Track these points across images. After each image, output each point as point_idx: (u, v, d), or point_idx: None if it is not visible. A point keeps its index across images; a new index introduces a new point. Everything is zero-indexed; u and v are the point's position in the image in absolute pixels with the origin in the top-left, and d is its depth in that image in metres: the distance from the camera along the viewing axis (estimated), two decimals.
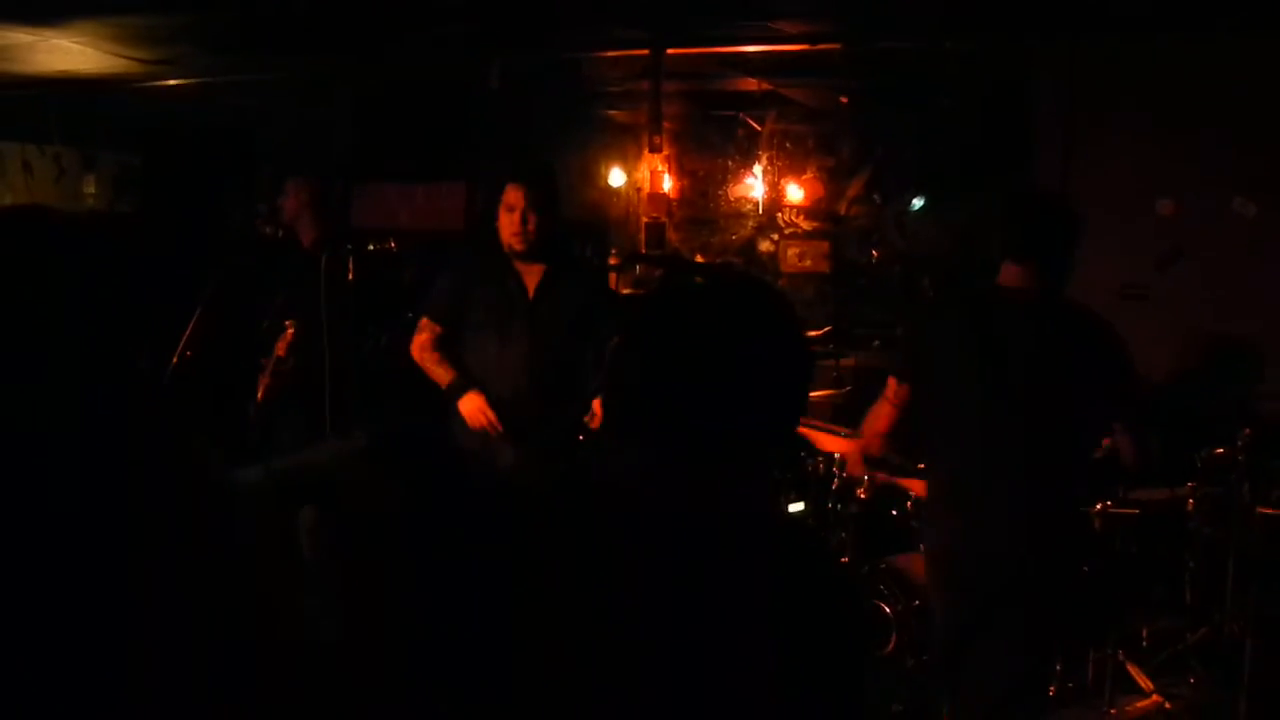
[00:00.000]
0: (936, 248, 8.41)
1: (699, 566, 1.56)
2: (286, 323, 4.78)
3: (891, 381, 3.75)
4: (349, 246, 4.72)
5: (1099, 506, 4.52)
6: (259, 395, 5.05)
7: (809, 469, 5.34)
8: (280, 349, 4.83)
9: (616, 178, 9.50)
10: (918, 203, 8.71)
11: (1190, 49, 6.35)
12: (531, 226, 4.38)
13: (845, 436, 5.11)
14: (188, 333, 4.78)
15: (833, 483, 5.17)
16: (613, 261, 8.23)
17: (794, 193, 8.66)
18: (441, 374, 4.54)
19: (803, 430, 5.41)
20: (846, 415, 5.60)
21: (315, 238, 5.12)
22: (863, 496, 5.00)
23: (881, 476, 4.88)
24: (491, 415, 4.38)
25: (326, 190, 5.27)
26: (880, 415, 3.79)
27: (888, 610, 4.66)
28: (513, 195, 4.41)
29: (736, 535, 1.61)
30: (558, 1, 6.11)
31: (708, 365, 1.61)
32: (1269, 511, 4.77)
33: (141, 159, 9.74)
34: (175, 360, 4.60)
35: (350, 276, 4.64)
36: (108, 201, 10.25)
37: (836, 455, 5.21)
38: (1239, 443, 4.68)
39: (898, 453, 4.47)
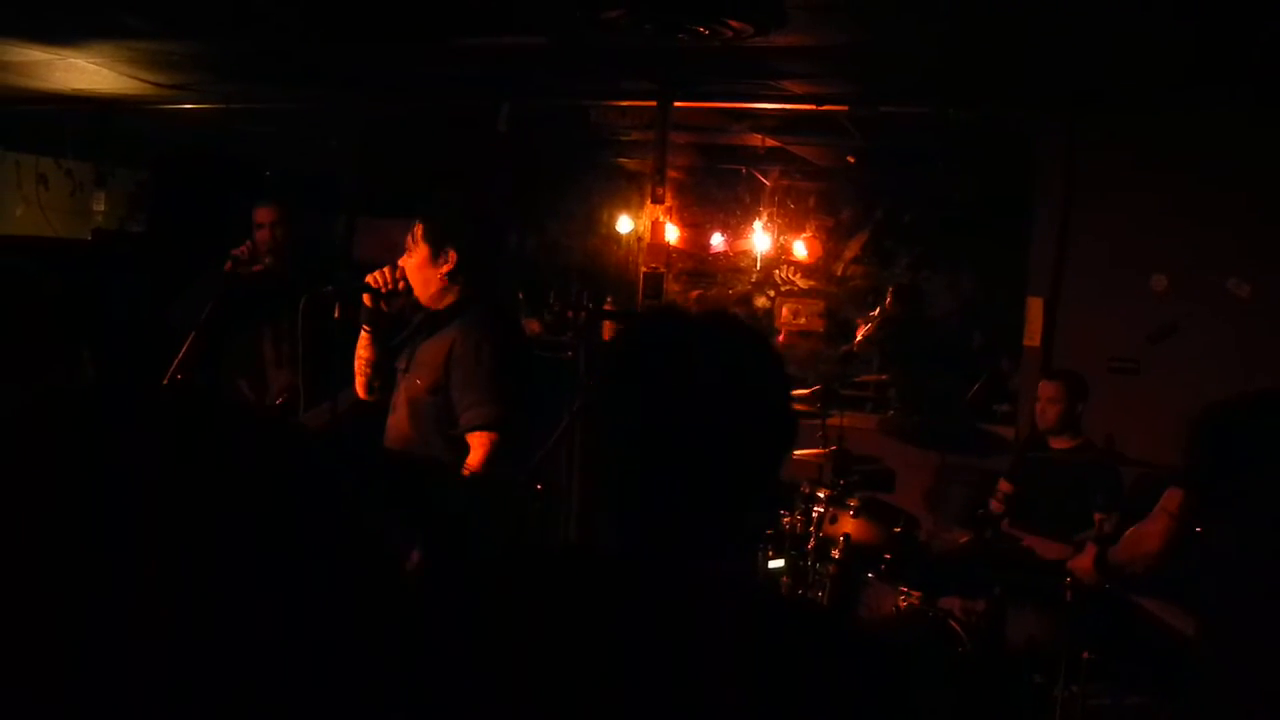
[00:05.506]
0: (937, 312, 8.46)
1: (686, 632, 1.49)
2: None
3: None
4: (330, 289, 4.39)
5: (1069, 580, 4.50)
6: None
7: (786, 526, 5.34)
8: None
9: (624, 224, 9.51)
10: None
11: (1190, 127, 6.41)
12: None
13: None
14: (180, 356, 4.80)
15: (809, 541, 5.17)
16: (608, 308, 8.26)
17: (793, 250, 8.70)
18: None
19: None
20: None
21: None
22: (837, 556, 5.00)
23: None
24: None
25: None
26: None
27: None
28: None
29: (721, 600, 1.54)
30: (568, 49, 6.17)
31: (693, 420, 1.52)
32: None
33: (149, 179, 9.81)
34: (165, 382, 4.61)
35: (336, 315, 4.36)
36: (118, 219, 10.31)
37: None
38: None
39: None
